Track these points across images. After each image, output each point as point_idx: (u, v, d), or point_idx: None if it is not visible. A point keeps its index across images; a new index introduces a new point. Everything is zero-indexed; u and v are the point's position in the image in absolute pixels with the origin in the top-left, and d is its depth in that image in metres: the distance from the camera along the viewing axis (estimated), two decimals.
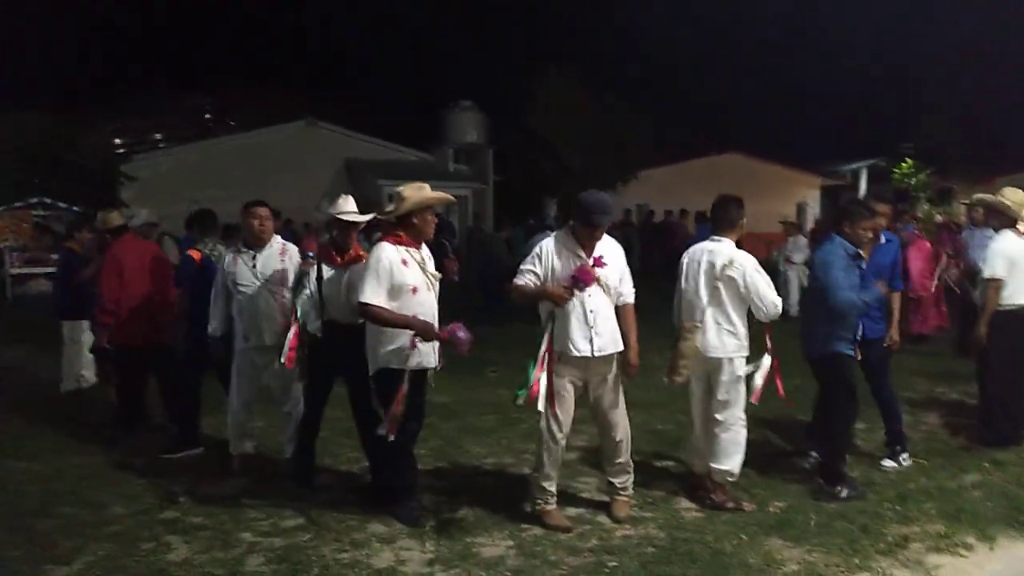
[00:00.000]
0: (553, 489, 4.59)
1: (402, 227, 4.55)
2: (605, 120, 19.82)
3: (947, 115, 24.97)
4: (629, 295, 4.66)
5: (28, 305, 13.86)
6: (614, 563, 4.06)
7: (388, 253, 4.44)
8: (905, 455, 5.47)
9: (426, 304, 4.52)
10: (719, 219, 4.91)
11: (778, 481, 5.18)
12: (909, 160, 26.05)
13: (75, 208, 14.96)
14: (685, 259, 4.93)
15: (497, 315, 11.07)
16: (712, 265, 4.74)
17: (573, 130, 19.74)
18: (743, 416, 4.79)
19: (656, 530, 4.46)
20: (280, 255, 5.42)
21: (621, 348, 4.57)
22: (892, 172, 26.78)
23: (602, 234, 4.52)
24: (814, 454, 5.39)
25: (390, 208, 4.67)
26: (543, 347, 4.38)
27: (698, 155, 24.73)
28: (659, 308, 5.80)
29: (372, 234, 6.20)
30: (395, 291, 4.41)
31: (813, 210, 25.62)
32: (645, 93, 21.59)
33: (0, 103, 18.58)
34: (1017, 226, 5.78)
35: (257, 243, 5.42)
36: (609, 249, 4.56)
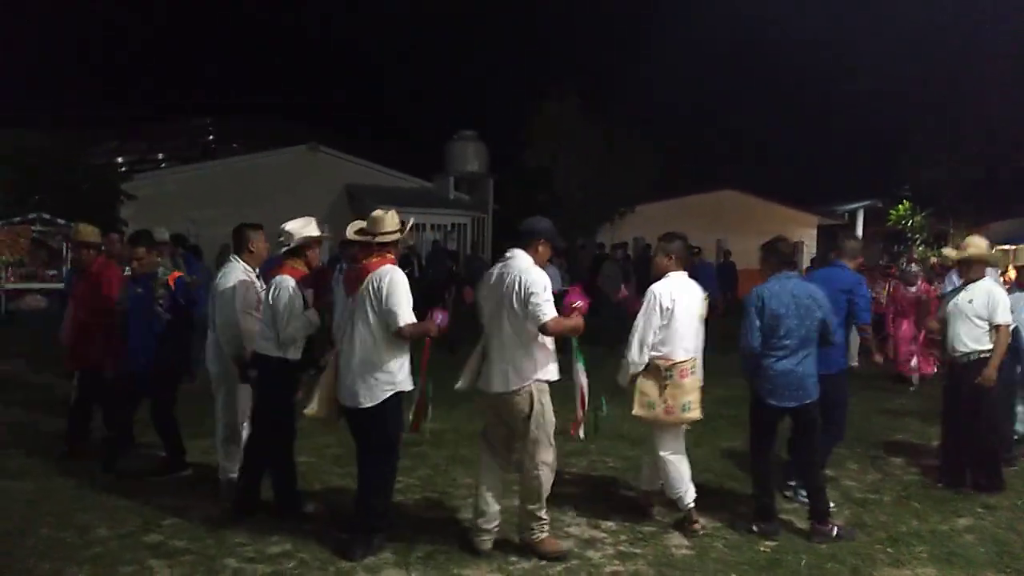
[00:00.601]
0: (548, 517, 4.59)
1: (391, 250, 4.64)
2: (604, 153, 19.95)
3: (945, 158, 25.17)
4: None
5: (22, 320, 13.82)
6: None
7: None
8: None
9: None
10: (686, 255, 5.12)
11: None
12: (906, 202, 26.20)
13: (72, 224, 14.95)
14: (670, 294, 4.84)
15: None
16: (699, 298, 4.96)
17: (570, 162, 19.86)
18: None
19: (645, 567, 4.41)
20: None
21: None
22: (888, 213, 26.92)
23: None
24: (804, 493, 5.33)
25: (357, 227, 4.77)
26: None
27: (695, 191, 24.85)
28: None
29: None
30: None
31: (809, 249, 25.73)
32: (644, 128, 21.69)
33: (4, 119, 18.68)
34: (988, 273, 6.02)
35: (257, 265, 5.45)
36: None
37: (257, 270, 5.47)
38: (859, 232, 28.11)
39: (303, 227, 5.05)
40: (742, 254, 21.37)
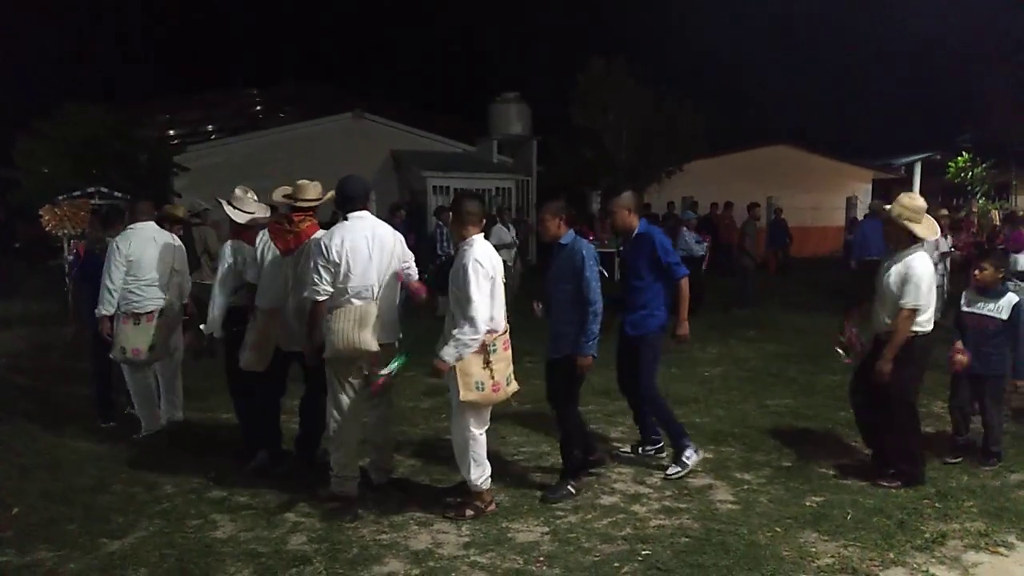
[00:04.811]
0: None
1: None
2: (653, 111, 19.67)
3: (1008, 106, 24.22)
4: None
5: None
6: (647, 551, 4.10)
7: None
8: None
9: None
10: (477, 215, 4.59)
11: (816, 475, 5.16)
12: (965, 153, 25.32)
13: (129, 198, 15.39)
14: (490, 262, 4.45)
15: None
16: (501, 266, 4.63)
17: (619, 121, 19.64)
18: None
19: (691, 521, 4.49)
20: None
21: None
22: (947, 166, 26.07)
23: None
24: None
25: (284, 192, 5.28)
26: None
27: (745, 147, 24.37)
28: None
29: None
30: None
31: (864, 204, 25.11)
32: (693, 83, 21.33)
33: (60, 96, 19.15)
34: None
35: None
36: None
37: None
38: (916, 185, 27.29)
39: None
40: (795, 211, 21.01)
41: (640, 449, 5.59)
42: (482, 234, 4.61)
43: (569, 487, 4.86)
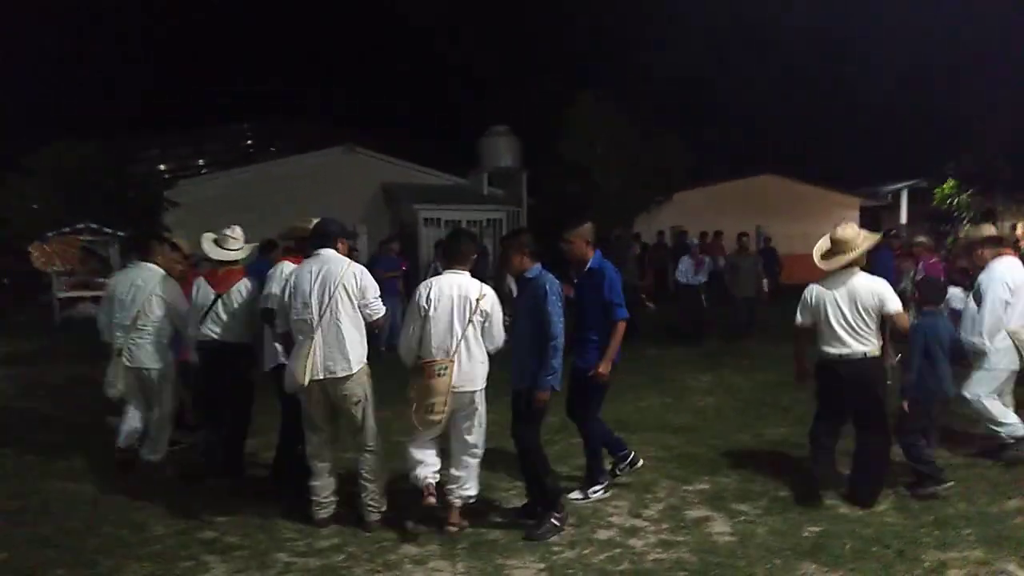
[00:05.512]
0: None
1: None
2: (640, 143, 19.84)
3: (994, 135, 24.60)
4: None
5: (76, 327, 14.25)
6: None
7: None
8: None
9: None
10: (455, 253, 4.89)
11: (813, 505, 5.12)
12: (952, 181, 25.57)
13: (120, 233, 15.37)
14: (429, 292, 4.69)
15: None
16: (466, 299, 4.68)
17: (606, 153, 19.79)
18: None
19: (688, 554, 4.44)
20: None
21: None
22: (933, 193, 26.31)
23: None
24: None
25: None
26: None
27: (734, 177, 24.61)
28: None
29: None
30: None
31: None
32: (682, 115, 21.59)
33: (50, 132, 19.21)
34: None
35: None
36: None
37: None
38: (903, 213, 27.55)
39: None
40: (784, 239, 21.13)
41: (616, 469, 5.54)
42: (462, 271, 4.79)
43: (552, 520, 4.78)
